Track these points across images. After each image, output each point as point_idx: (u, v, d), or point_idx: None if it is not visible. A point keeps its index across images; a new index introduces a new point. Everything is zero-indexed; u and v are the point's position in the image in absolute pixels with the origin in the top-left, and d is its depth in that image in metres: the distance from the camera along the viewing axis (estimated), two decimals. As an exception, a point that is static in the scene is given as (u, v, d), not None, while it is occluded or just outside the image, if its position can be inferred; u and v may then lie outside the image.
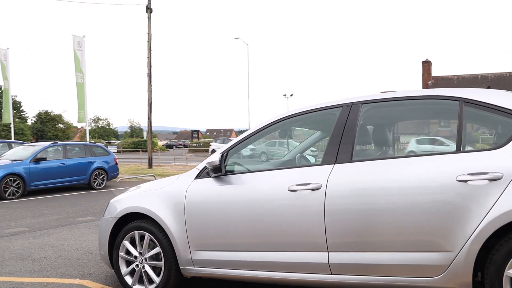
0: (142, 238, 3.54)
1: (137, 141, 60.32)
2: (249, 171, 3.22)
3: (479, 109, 2.64)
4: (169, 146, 75.27)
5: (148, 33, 23.82)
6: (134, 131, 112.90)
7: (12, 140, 20.87)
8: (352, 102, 3.02)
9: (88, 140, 18.52)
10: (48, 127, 77.72)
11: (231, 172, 3.28)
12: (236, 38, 42.85)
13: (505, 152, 2.45)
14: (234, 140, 3.41)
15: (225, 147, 3.37)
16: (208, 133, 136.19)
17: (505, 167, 2.39)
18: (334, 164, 2.87)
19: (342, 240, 2.74)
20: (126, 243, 3.61)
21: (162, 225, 3.37)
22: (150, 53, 23.90)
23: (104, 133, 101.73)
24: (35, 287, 3.97)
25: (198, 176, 3.38)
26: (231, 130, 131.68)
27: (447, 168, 2.51)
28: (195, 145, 53.26)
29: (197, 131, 64.35)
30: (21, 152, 12.42)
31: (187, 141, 75.05)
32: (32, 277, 4.30)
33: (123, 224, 3.70)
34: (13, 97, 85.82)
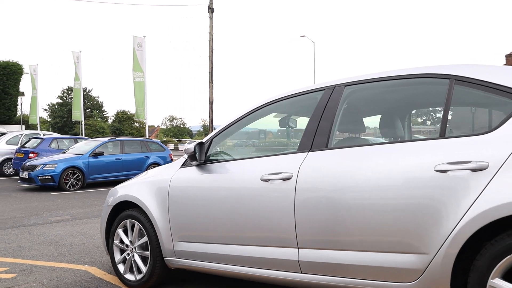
0: (133, 227, 3.51)
1: (205, 139, 62.06)
2: (232, 159, 3.05)
3: (472, 87, 2.23)
4: (237, 145, 76.51)
5: (209, 33, 24.32)
6: (207, 130, 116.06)
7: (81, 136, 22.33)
8: (335, 85, 2.73)
9: (147, 136, 19.26)
10: (125, 125, 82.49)
11: (215, 160, 3.14)
12: (302, 36, 42.47)
13: (494, 137, 2.03)
14: (217, 128, 3.26)
15: (208, 136, 3.24)
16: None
17: (492, 155, 1.98)
18: (309, 151, 2.61)
19: (312, 237, 2.48)
20: (120, 231, 3.60)
21: (148, 214, 3.32)
22: (212, 53, 24.38)
23: (178, 132, 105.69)
24: (45, 270, 4.11)
25: (183, 165, 3.27)
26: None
27: (425, 157, 2.15)
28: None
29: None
30: (83, 147, 13.19)
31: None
32: (47, 261, 4.46)
33: (119, 212, 3.70)
34: (96, 98, 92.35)
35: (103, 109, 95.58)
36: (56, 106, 79.31)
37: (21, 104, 28.56)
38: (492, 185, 1.94)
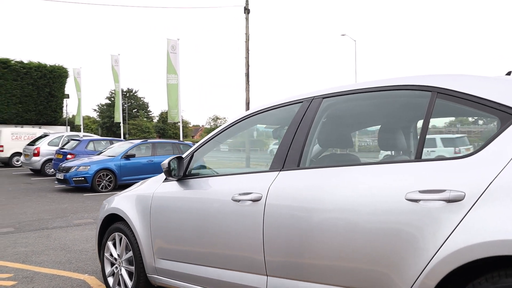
0: (121, 240, 3.45)
1: (247, 139, 62.33)
2: (209, 175, 2.91)
3: (456, 102, 1.95)
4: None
5: (246, 34, 24.33)
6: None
7: (116, 138, 22.95)
8: (313, 96, 2.52)
9: (181, 138, 19.49)
10: (168, 125, 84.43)
11: (196, 175, 3.00)
12: (342, 35, 41.72)
13: (475, 162, 1.75)
14: (198, 142, 3.12)
15: (189, 150, 3.11)
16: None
17: (469, 184, 1.71)
18: (280, 171, 2.42)
19: (280, 265, 2.28)
20: (109, 244, 3.56)
21: (132, 229, 3.24)
22: (248, 54, 24.38)
23: None
24: (45, 279, 4.14)
25: (166, 179, 3.17)
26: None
27: (396, 182, 1.91)
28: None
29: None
30: (117, 149, 13.50)
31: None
32: (52, 268, 4.51)
33: (111, 223, 3.66)
34: (141, 98, 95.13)
35: (148, 109, 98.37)
36: (105, 107, 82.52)
37: (66, 106, 29.80)
38: (466, 220, 1.67)
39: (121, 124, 22.56)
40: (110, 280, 3.54)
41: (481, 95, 1.87)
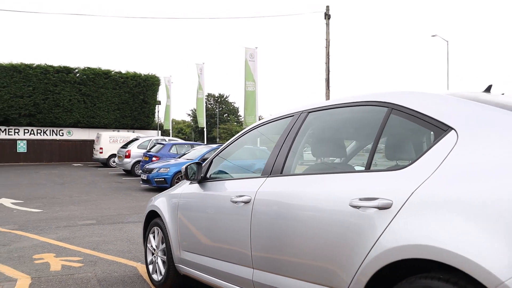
0: (158, 233, 3.99)
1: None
2: (220, 179, 3.31)
3: (406, 117, 2.12)
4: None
5: (326, 39, 24.41)
6: None
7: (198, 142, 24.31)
8: (302, 111, 2.81)
9: (258, 144, 20.10)
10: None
11: (212, 179, 3.43)
12: (433, 36, 39.70)
13: (406, 174, 1.92)
14: (217, 150, 3.54)
15: (210, 156, 3.54)
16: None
17: (397, 194, 1.88)
18: (267, 177, 2.74)
19: (262, 259, 2.60)
20: (150, 237, 4.12)
21: (165, 224, 3.75)
22: (328, 59, 24.43)
23: None
24: (106, 263, 4.85)
25: (191, 182, 3.63)
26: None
27: (346, 190, 2.13)
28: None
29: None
30: (196, 153, 14.49)
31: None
32: (114, 256, 5.23)
33: (151, 219, 4.22)
34: (232, 103, 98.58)
35: (238, 113, 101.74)
36: (196, 112, 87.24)
37: (158, 112, 32.18)
38: (392, 225, 1.86)
39: (205, 129, 23.89)
40: (150, 267, 4.09)
41: (422, 110, 2.04)
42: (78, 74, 26.93)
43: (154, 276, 3.99)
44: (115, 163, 21.15)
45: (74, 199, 10.93)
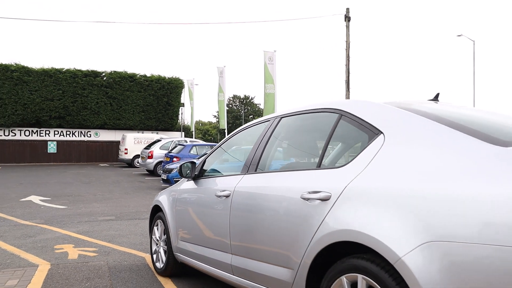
0: (161, 226, 4.43)
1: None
2: (209, 177, 3.72)
3: (351, 123, 2.46)
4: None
5: (346, 41, 24.56)
6: None
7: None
8: (277, 116, 3.19)
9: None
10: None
11: (204, 176, 3.84)
12: (458, 35, 39.11)
13: (344, 171, 2.28)
14: (210, 151, 3.96)
15: (203, 158, 3.96)
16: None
17: (335, 187, 2.24)
18: (245, 174, 3.13)
19: (238, 245, 3.00)
20: (155, 229, 4.57)
21: (166, 217, 4.20)
22: (348, 60, 24.59)
23: None
24: (118, 254, 5.33)
25: (188, 179, 4.06)
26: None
27: (300, 185, 2.51)
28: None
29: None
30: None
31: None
32: (127, 247, 5.71)
33: (156, 213, 4.66)
34: (257, 105, 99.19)
35: (263, 115, 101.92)
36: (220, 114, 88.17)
37: (182, 113, 32.93)
38: (329, 214, 2.22)
39: (225, 130, 24.43)
40: (154, 256, 4.54)
41: (362, 116, 2.40)
42: (105, 78, 27.94)
43: (157, 264, 4.43)
44: (139, 164, 21.92)
45: (98, 197, 11.57)
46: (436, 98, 2.88)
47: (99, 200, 10.93)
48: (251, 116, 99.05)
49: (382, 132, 2.23)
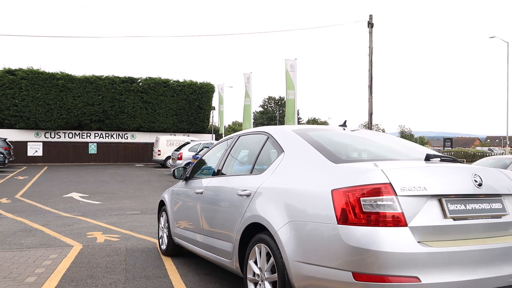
0: (164, 216, 5.70)
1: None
2: (196, 178, 4.92)
3: (272, 143, 3.59)
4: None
5: (369, 47, 25.24)
6: (404, 136, 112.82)
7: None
8: (237, 134, 4.37)
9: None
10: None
11: (192, 178, 5.04)
12: (491, 37, 38.64)
13: (260, 176, 3.43)
14: (199, 158, 5.17)
15: (193, 163, 5.18)
16: (489, 140, 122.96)
17: (253, 187, 3.40)
18: (213, 177, 4.33)
19: (205, 228, 4.20)
20: (161, 219, 5.84)
21: (167, 209, 5.45)
22: (371, 66, 25.26)
23: None
24: (135, 240, 6.63)
25: (183, 180, 5.29)
26: None
27: (238, 185, 3.67)
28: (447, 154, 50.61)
29: (451, 139, 60.38)
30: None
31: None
32: (144, 235, 7.01)
33: (162, 206, 5.92)
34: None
35: (299, 116, 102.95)
36: (258, 114, 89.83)
37: (213, 116, 34.51)
38: (249, 205, 3.36)
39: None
40: (160, 241, 5.81)
41: (276, 139, 3.54)
42: (140, 84, 29.89)
43: (162, 247, 5.70)
44: (170, 164, 23.49)
45: (129, 194, 13.07)
46: (344, 124, 3.98)
47: (129, 197, 12.41)
48: (285, 117, 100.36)
49: (284, 150, 3.37)
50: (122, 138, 29.99)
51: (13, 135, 27.03)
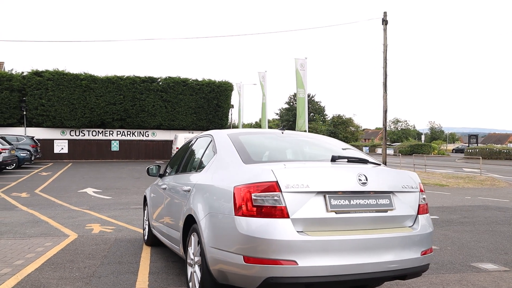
0: (146, 210, 6.30)
1: (414, 144, 60.26)
2: (166, 175, 5.48)
3: (212, 144, 4.05)
4: (459, 151, 71.37)
5: (383, 44, 25.26)
6: (435, 133, 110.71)
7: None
8: (196, 136, 4.89)
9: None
10: (339, 129, 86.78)
11: (165, 175, 5.60)
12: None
13: (199, 173, 3.95)
14: (173, 156, 5.72)
15: (170, 161, 5.75)
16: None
17: (192, 184, 3.93)
18: (175, 174, 4.87)
19: (165, 220, 4.76)
20: (145, 212, 6.44)
21: (148, 203, 6.05)
22: (386, 63, 25.28)
23: (402, 135, 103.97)
24: (128, 231, 7.24)
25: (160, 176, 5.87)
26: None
27: (185, 182, 4.18)
28: (470, 151, 49.59)
29: (476, 136, 58.93)
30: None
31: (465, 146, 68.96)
32: (137, 227, 7.62)
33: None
34: (318, 103, 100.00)
35: (324, 113, 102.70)
36: (284, 111, 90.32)
37: (231, 114, 35.18)
38: (188, 199, 3.86)
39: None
40: (144, 232, 6.41)
41: (215, 141, 4.02)
42: (160, 83, 30.86)
43: (145, 238, 6.30)
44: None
45: (140, 190, 13.81)
46: (283, 128, 4.45)
47: (140, 192, 13.12)
48: (312, 114, 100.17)
49: (217, 152, 3.88)
50: (143, 136, 31.06)
51: (41, 133, 28.48)
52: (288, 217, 2.95)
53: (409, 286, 4.46)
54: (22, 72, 29.23)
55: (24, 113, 28.39)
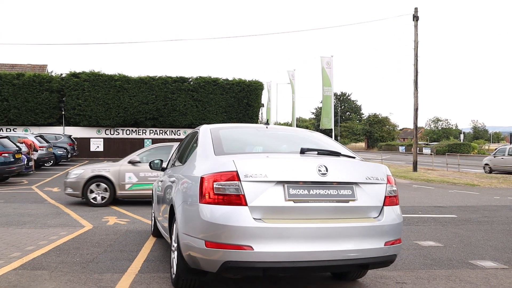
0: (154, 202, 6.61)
1: (452, 144, 58.47)
2: (167, 168, 5.75)
3: (198, 138, 4.21)
4: (500, 150, 68.65)
5: (414, 41, 24.76)
6: (478, 132, 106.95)
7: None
8: (190, 131, 5.12)
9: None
10: (375, 128, 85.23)
11: (167, 169, 5.87)
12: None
13: (183, 166, 4.18)
14: (173, 152, 5.98)
15: (170, 156, 6.01)
16: None
17: (177, 175, 4.17)
18: (171, 167, 5.12)
19: (161, 211, 5.02)
20: (153, 204, 6.75)
21: (154, 196, 6.35)
22: (417, 60, 24.77)
23: (443, 134, 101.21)
24: (139, 222, 7.60)
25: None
26: None
27: (174, 174, 4.41)
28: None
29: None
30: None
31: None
32: (147, 219, 7.98)
33: None
34: (354, 101, 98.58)
35: (361, 112, 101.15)
36: (319, 110, 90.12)
37: (261, 113, 35.40)
38: (172, 190, 4.11)
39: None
40: (152, 224, 6.73)
41: (200, 135, 4.21)
42: (191, 83, 31.50)
43: (152, 229, 6.62)
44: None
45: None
46: (267, 123, 4.59)
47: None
48: (348, 113, 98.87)
49: (199, 145, 4.08)
50: (175, 134, 31.80)
51: (78, 132, 29.75)
52: (246, 204, 3.12)
53: (394, 280, 4.50)
54: (61, 74, 30.69)
55: (63, 113, 29.75)
